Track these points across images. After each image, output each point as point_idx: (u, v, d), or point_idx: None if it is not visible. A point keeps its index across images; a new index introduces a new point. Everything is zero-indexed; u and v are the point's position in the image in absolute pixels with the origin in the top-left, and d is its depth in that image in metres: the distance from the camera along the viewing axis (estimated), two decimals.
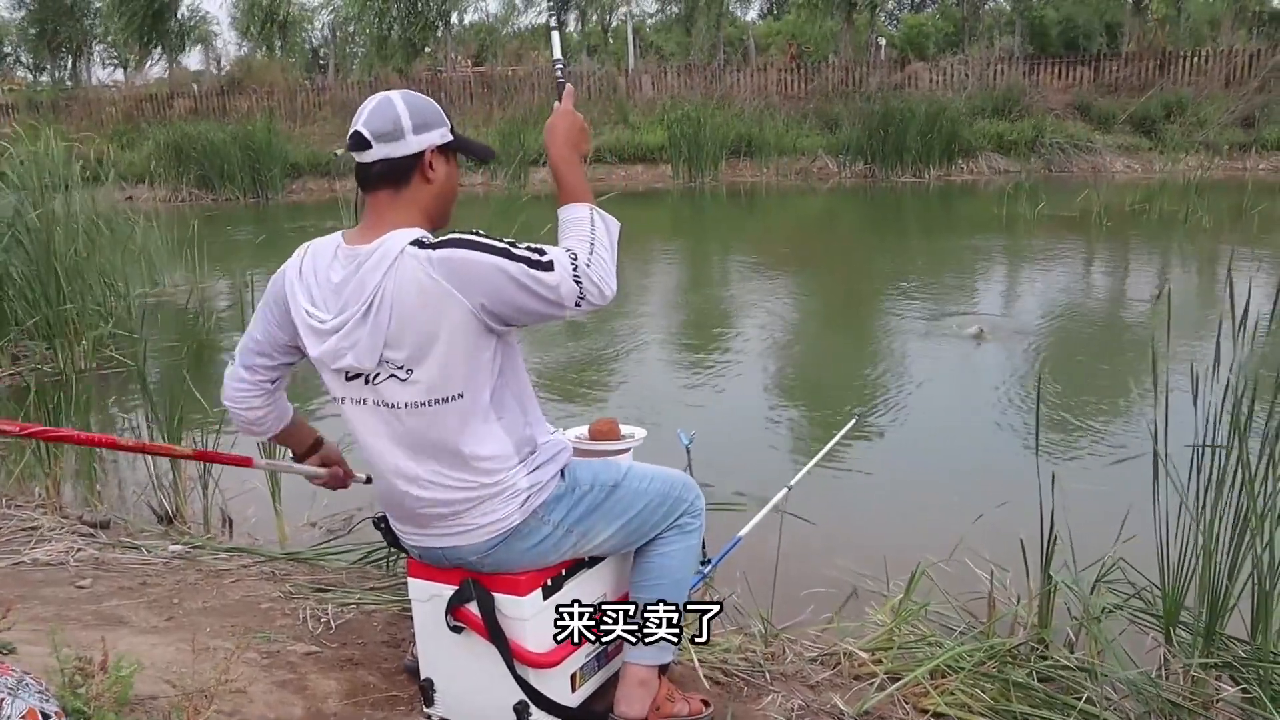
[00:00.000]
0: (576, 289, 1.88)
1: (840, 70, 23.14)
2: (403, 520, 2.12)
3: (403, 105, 1.97)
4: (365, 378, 1.98)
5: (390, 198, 1.99)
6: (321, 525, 4.18)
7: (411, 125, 1.97)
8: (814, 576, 3.41)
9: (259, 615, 2.87)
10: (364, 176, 2.00)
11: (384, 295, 1.90)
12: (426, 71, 26.59)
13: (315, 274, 2.03)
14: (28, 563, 3.41)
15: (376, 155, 1.96)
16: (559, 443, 2.13)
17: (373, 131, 1.95)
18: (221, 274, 11.23)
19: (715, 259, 12.42)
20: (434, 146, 2.01)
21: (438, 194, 2.03)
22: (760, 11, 35.14)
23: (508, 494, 2.01)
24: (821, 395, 5.90)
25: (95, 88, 30.68)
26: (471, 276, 1.87)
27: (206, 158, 20.34)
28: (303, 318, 2.03)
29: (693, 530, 2.22)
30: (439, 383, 1.93)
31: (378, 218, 1.99)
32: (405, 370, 1.94)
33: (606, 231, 1.98)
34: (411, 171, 1.99)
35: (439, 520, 2.04)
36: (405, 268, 1.89)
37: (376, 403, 2.00)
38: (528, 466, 2.04)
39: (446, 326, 1.89)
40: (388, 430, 2.01)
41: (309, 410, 5.73)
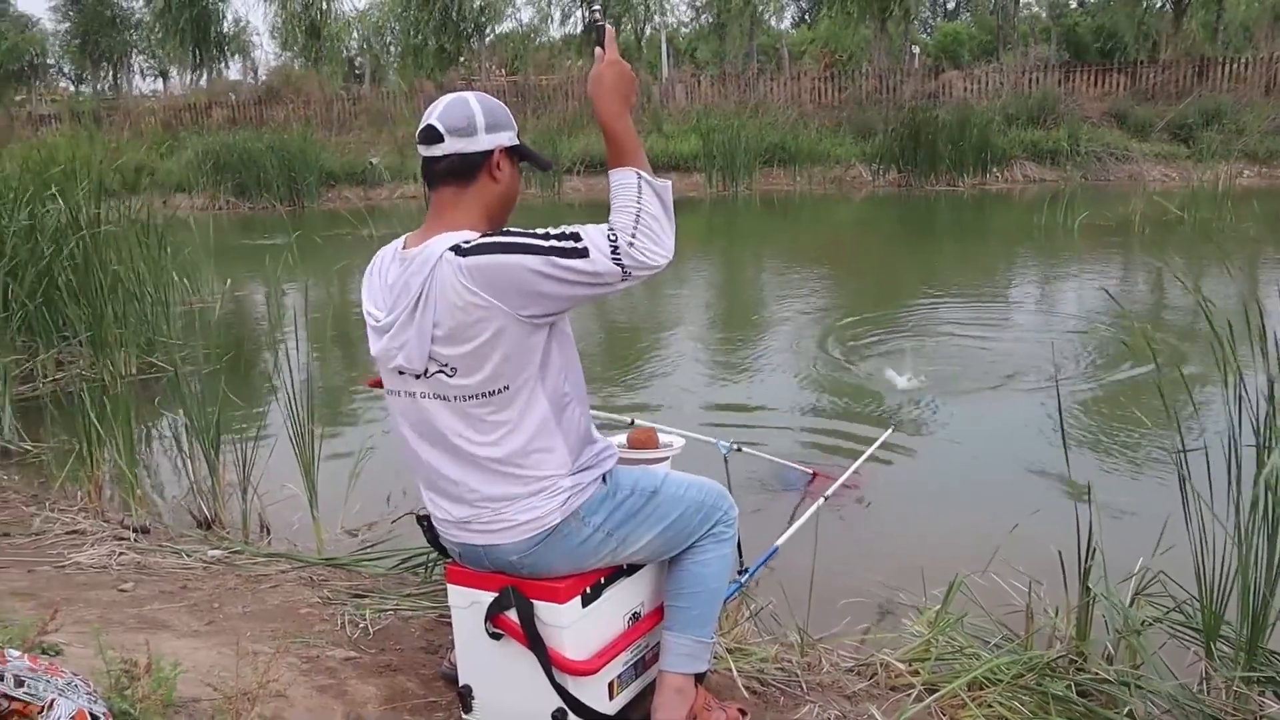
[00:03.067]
0: (618, 269, 1.88)
1: (874, 78, 23.07)
2: (445, 517, 2.14)
3: (477, 104, 2.03)
4: (417, 375, 2.02)
5: (455, 194, 2.04)
6: (358, 532, 4.20)
7: (484, 123, 2.02)
8: (850, 587, 3.40)
9: (298, 620, 2.90)
10: (431, 171, 2.05)
11: (427, 298, 1.94)
12: (460, 81, 26.76)
13: (379, 273, 2.10)
14: (72, 566, 3.47)
15: (448, 149, 2.01)
16: (607, 447, 2.16)
17: (446, 126, 2.01)
18: (258, 281, 11.35)
19: (749, 267, 12.40)
20: (503, 147, 2.05)
21: (501, 195, 2.08)
22: (793, 20, 35.19)
23: (549, 492, 2.04)
24: (857, 405, 5.87)
25: (135, 98, 31.18)
26: (504, 281, 1.89)
27: (244, 167, 20.59)
28: (366, 315, 2.11)
29: (727, 539, 2.23)
30: (488, 379, 1.97)
31: (438, 216, 2.05)
32: (451, 368, 1.98)
33: (656, 197, 1.93)
34: (479, 169, 2.04)
35: (480, 516, 2.06)
36: (443, 275, 1.93)
37: (426, 395, 2.04)
38: (573, 467, 2.06)
39: (491, 330, 1.92)
40: (435, 423, 2.05)
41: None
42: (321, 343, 8.43)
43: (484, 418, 2.01)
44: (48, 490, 4.65)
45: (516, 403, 2.00)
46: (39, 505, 4.32)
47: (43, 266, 6.60)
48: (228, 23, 29.62)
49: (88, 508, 4.32)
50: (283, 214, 19.33)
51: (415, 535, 3.55)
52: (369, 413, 6.12)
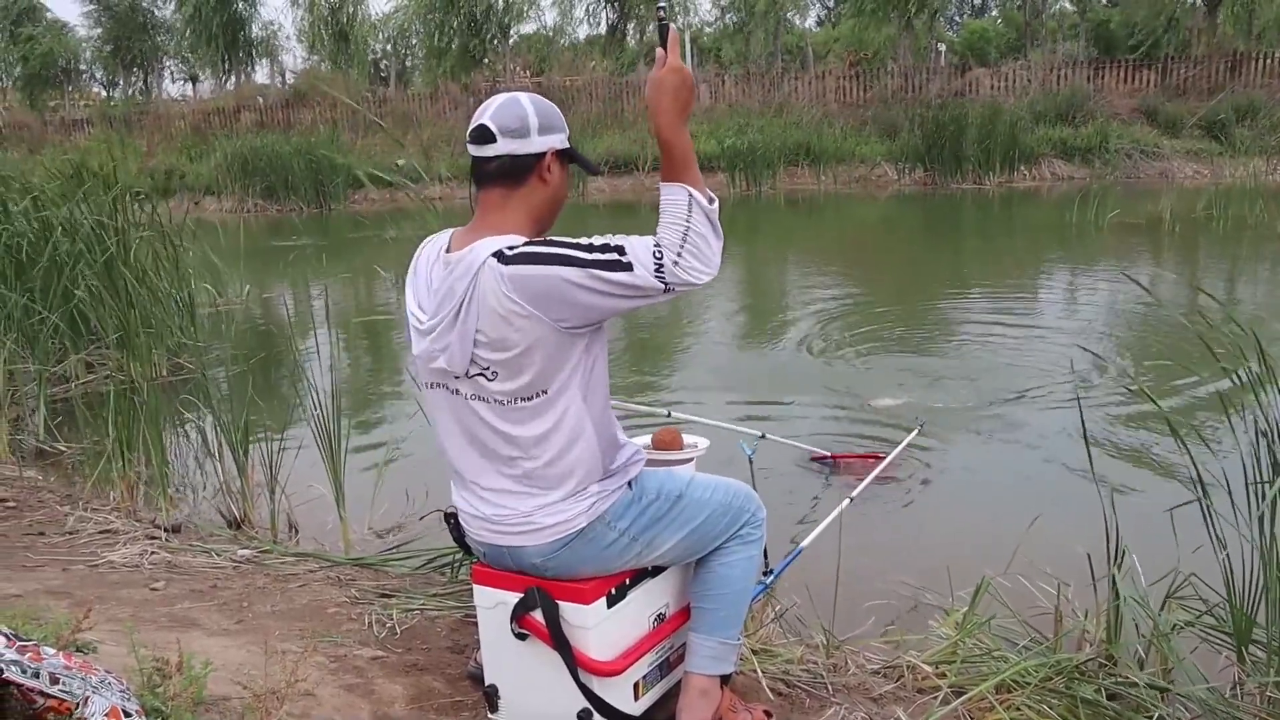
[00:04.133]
0: (660, 284, 1.88)
1: (899, 77, 22.98)
2: (473, 514, 2.15)
3: (530, 105, 2.01)
4: (458, 376, 2.03)
5: (503, 195, 2.02)
6: (384, 533, 4.23)
7: (537, 125, 2.00)
8: (875, 588, 3.38)
9: (326, 619, 2.92)
10: (481, 171, 2.02)
11: (469, 304, 1.94)
12: (485, 83, 26.86)
13: (423, 273, 2.09)
14: (105, 565, 3.51)
15: (500, 150, 1.99)
16: (635, 452, 2.16)
17: (499, 126, 1.98)
18: (286, 283, 11.44)
19: (771, 268, 12.37)
20: (554, 149, 2.03)
21: (550, 198, 2.07)
22: (817, 18, 35.08)
23: (577, 496, 2.04)
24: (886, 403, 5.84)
25: (165, 102, 31.51)
26: (543, 292, 1.89)
27: (271, 169, 20.77)
28: (408, 314, 2.11)
29: (754, 541, 2.23)
30: (527, 384, 1.98)
31: (484, 217, 2.03)
32: (492, 371, 1.98)
33: (705, 216, 1.90)
34: (530, 171, 2.02)
35: (507, 517, 2.07)
36: (485, 281, 1.92)
37: (465, 396, 2.04)
38: (601, 472, 2.07)
39: (531, 337, 1.93)
40: (471, 423, 2.06)
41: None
42: (348, 343, 8.49)
43: (521, 421, 2.01)
44: (81, 490, 4.70)
45: (554, 408, 2.00)
46: (72, 505, 4.37)
47: (73, 269, 6.68)
48: (257, 27, 29.85)
49: (120, 507, 4.37)
50: (310, 216, 19.52)
51: (441, 536, 3.58)
52: (395, 413, 6.16)
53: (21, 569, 3.39)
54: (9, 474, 4.94)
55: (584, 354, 2.01)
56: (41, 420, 5.82)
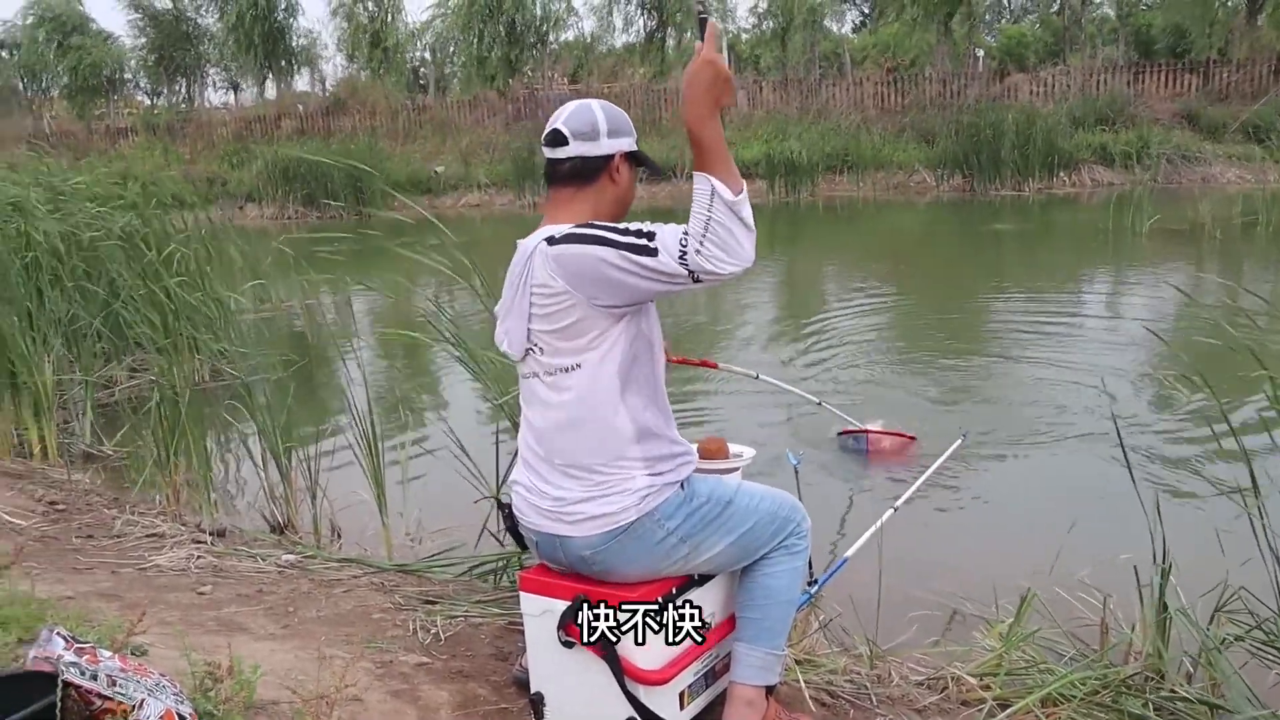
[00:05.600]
0: (685, 271, 1.90)
1: (937, 83, 22.84)
2: (532, 501, 2.19)
3: (600, 110, 2.15)
4: (518, 356, 2.19)
5: (572, 194, 2.15)
6: (426, 539, 4.25)
7: (607, 129, 2.14)
8: (919, 599, 3.37)
9: (371, 625, 2.95)
10: (553, 172, 2.17)
11: (523, 286, 2.10)
12: (524, 90, 27.00)
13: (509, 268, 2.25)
14: (153, 569, 3.56)
15: (571, 152, 2.12)
16: (687, 453, 2.19)
17: (572, 130, 2.13)
18: (326, 289, 11.54)
19: (812, 274, 12.34)
20: (623, 152, 2.16)
21: (617, 198, 2.19)
22: (855, 24, 34.93)
23: (626, 490, 2.07)
24: (926, 415, 5.80)
25: (208, 110, 31.94)
26: (579, 270, 2.01)
27: (312, 176, 20.98)
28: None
29: (799, 551, 2.23)
30: (565, 357, 2.09)
31: (553, 213, 2.17)
32: (540, 347, 2.12)
33: (726, 206, 1.88)
34: (599, 172, 2.15)
35: (561, 503, 2.12)
36: (536, 262, 2.07)
37: (529, 375, 2.19)
38: (650, 467, 2.10)
39: (573, 315, 2.04)
40: (535, 403, 2.19)
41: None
42: (386, 349, 8.55)
43: (569, 400, 2.10)
44: (128, 494, 4.78)
45: (596, 389, 2.08)
46: (120, 508, 4.43)
47: (116, 275, 6.79)
48: (297, 36, 30.19)
49: (166, 511, 4.44)
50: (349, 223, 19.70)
51: (484, 543, 3.61)
52: (434, 419, 6.20)
53: (73, 571, 3.45)
54: (58, 477, 5.03)
55: (622, 339, 2.07)
56: (88, 424, 5.92)
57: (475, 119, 25.97)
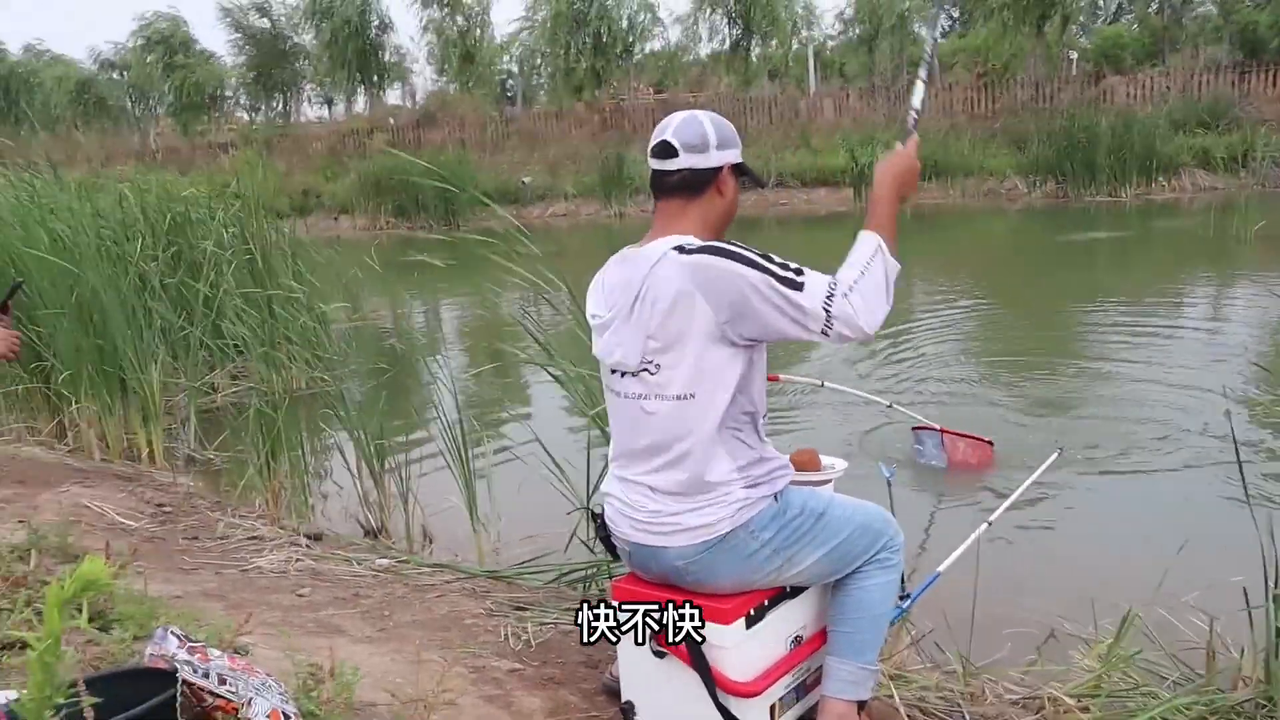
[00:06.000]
0: (824, 316, 1.93)
1: (1030, 87, 22.37)
2: (622, 514, 2.20)
3: (709, 122, 2.13)
4: (627, 372, 2.13)
5: (681, 206, 2.14)
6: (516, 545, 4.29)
7: (716, 141, 2.12)
8: (1013, 615, 3.30)
9: (463, 630, 3.00)
10: (661, 184, 2.15)
11: (645, 294, 2.05)
12: (610, 100, 27.20)
13: (601, 278, 2.25)
14: (254, 570, 3.67)
15: (680, 164, 2.11)
16: (782, 465, 2.19)
17: (681, 142, 2.11)
18: (417, 299, 11.77)
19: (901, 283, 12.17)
20: (730, 164, 2.15)
21: (724, 210, 2.18)
22: (944, 29, 34.36)
23: (723, 502, 2.08)
24: (1019, 427, 5.68)
25: (303, 124, 32.88)
26: (719, 284, 1.98)
27: (402, 188, 21.44)
28: (589, 318, 2.26)
29: (892, 565, 2.21)
30: (679, 381, 2.05)
31: (663, 225, 2.15)
32: (655, 365, 2.07)
33: (884, 269, 2.00)
34: (708, 184, 2.13)
35: (656, 516, 2.12)
36: (663, 269, 2.04)
37: (627, 394, 2.15)
38: (747, 480, 2.10)
39: (693, 330, 2.01)
40: (634, 420, 2.15)
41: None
42: (475, 357, 8.68)
43: (672, 420, 2.08)
44: (229, 497, 4.93)
45: (708, 413, 2.06)
46: (222, 511, 4.58)
47: (217, 286, 7.03)
48: (389, 52, 30.90)
49: (265, 515, 4.57)
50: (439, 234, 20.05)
51: (573, 550, 3.64)
52: (522, 427, 6.27)
53: (180, 571, 3.57)
54: (164, 480, 5.22)
55: (738, 366, 2.06)
56: (192, 430, 6.14)
57: (562, 130, 26.26)
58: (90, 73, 35.51)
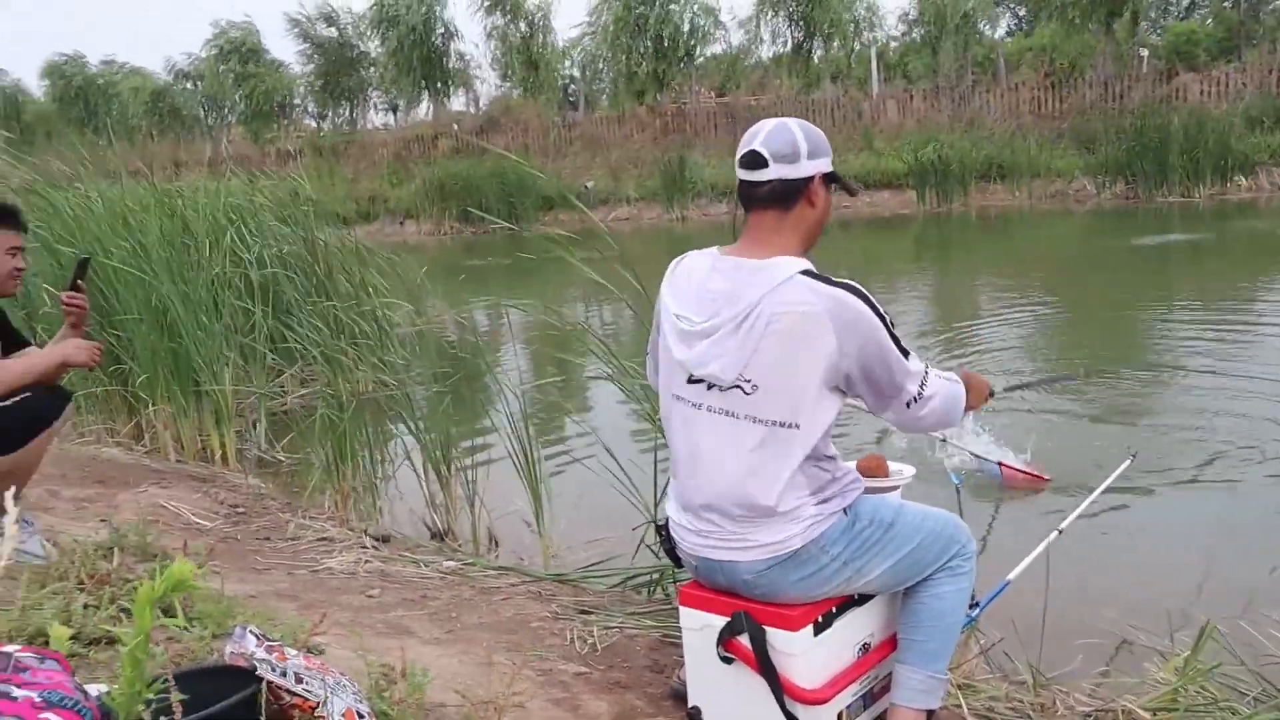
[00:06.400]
0: (915, 391, 2.05)
1: (1099, 85, 21.93)
2: (690, 527, 2.18)
3: (799, 130, 2.07)
4: (714, 385, 2.07)
5: (776, 218, 2.09)
6: (581, 549, 4.31)
7: (807, 150, 2.06)
8: (1084, 625, 3.24)
9: (530, 633, 3.02)
10: (751, 195, 2.10)
11: (761, 313, 1.99)
12: (672, 104, 27.23)
13: (689, 282, 2.14)
14: (324, 571, 3.74)
15: (771, 175, 2.05)
16: (853, 478, 2.17)
17: (771, 151, 2.05)
18: (481, 304, 11.88)
19: (963, 286, 12.01)
20: (821, 173, 2.09)
21: (817, 220, 2.13)
22: (1009, 28, 33.85)
23: (795, 520, 2.06)
24: (1090, 431, 5.57)
25: (370, 131, 33.41)
26: (857, 327, 1.98)
27: (467, 193, 21.71)
28: (671, 321, 2.14)
29: (964, 574, 2.19)
30: (779, 408, 2.02)
31: (760, 236, 2.10)
32: (752, 385, 2.02)
33: (957, 399, 2.19)
34: (799, 195, 2.08)
35: (726, 532, 2.10)
36: (791, 292, 1.98)
37: (714, 410, 2.08)
38: (818, 496, 2.09)
39: (808, 360, 1.98)
40: (717, 437, 2.09)
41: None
42: (538, 361, 8.74)
43: (761, 443, 2.04)
44: (299, 498, 5.03)
45: (795, 441, 2.03)
46: (292, 512, 4.67)
47: (285, 292, 7.17)
48: (453, 58, 31.27)
49: (334, 516, 4.65)
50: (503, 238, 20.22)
51: (637, 554, 3.66)
52: (586, 431, 6.30)
53: (253, 571, 3.65)
54: (236, 481, 5.34)
55: (836, 407, 2.08)
56: (262, 432, 6.27)
57: (624, 134, 26.36)
58: (165, 83, 36.48)
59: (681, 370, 2.12)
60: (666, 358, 2.17)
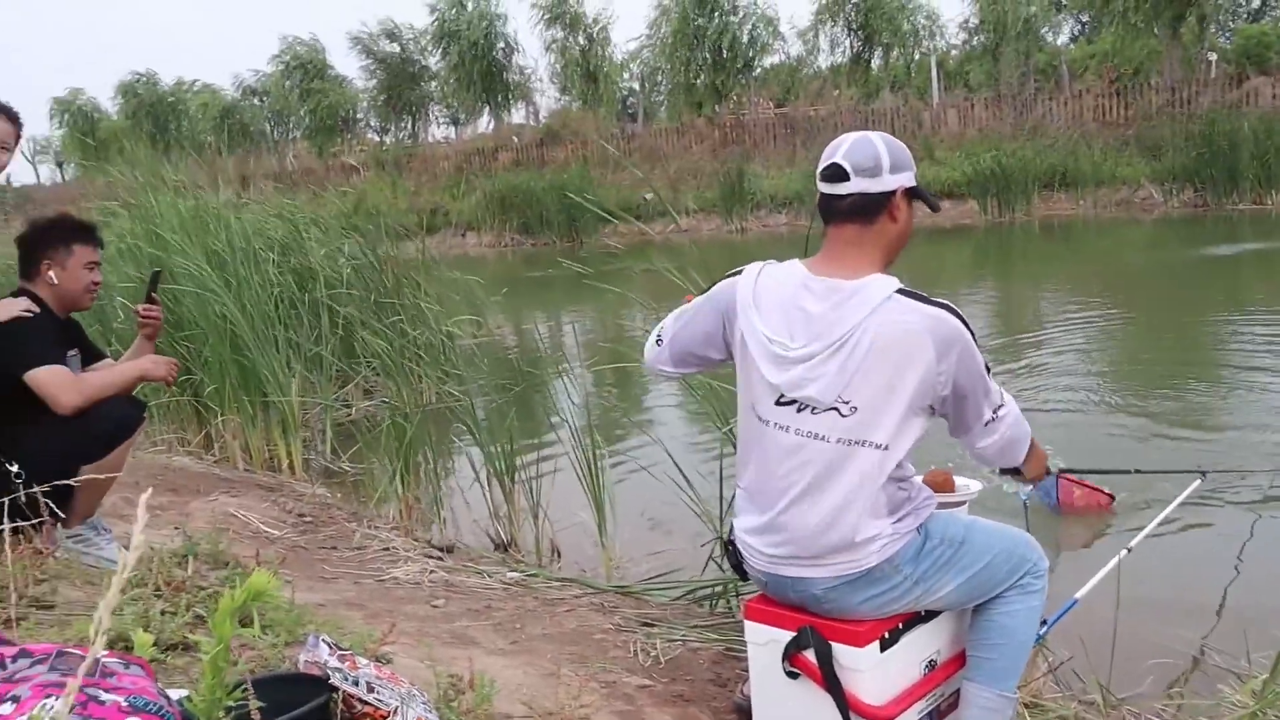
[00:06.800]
0: (989, 415, 2.09)
1: (1165, 91, 21.49)
2: (763, 547, 2.16)
3: (882, 144, 2.05)
4: (806, 407, 2.04)
5: (858, 233, 2.06)
6: (641, 560, 4.33)
7: (889, 164, 2.03)
8: (1156, 645, 3.18)
9: (593, 645, 3.04)
10: (832, 208, 2.07)
11: (862, 335, 1.97)
12: (730, 115, 27.23)
13: (778, 299, 2.09)
14: (390, 581, 3.79)
15: (852, 188, 2.03)
16: (927, 496, 2.16)
17: (853, 165, 2.02)
18: (541, 315, 11.97)
19: (1026, 298, 11.84)
20: (904, 188, 2.07)
21: (899, 235, 2.10)
22: (1071, 34, 33.31)
23: (872, 539, 2.05)
24: (1159, 447, 5.45)
25: (431, 144, 33.88)
26: (953, 344, 1.98)
27: (527, 205, 21.91)
28: (760, 343, 2.08)
29: (1036, 591, 2.16)
30: (872, 425, 2.00)
31: (843, 252, 2.07)
32: (850, 406, 2.00)
33: (1022, 435, 2.23)
34: (881, 209, 2.05)
35: (802, 551, 2.08)
36: (891, 312, 1.97)
37: (803, 432, 2.05)
38: (894, 515, 2.08)
39: (908, 380, 1.98)
40: (804, 457, 2.06)
41: None
42: (599, 374, 8.77)
43: (848, 464, 2.03)
44: (364, 508, 5.11)
45: (882, 462, 2.03)
46: (358, 522, 4.74)
47: (349, 304, 7.29)
48: (513, 72, 31.60)
49: (398, 526, 4.71)
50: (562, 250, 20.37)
51: (700, 567, 3.66)
52: (647, 443, 6.31)
53: (320, 580, 3.72)
54: (303, 490, 5.43)
55: (923, 425, 2.08)
56: (328, 442, 6.38)
57: (683, 145, 26.41)
58: (234, 99, 37.35)
59: (772, 391, 2.07)
60: (752, 375, 2.12)
